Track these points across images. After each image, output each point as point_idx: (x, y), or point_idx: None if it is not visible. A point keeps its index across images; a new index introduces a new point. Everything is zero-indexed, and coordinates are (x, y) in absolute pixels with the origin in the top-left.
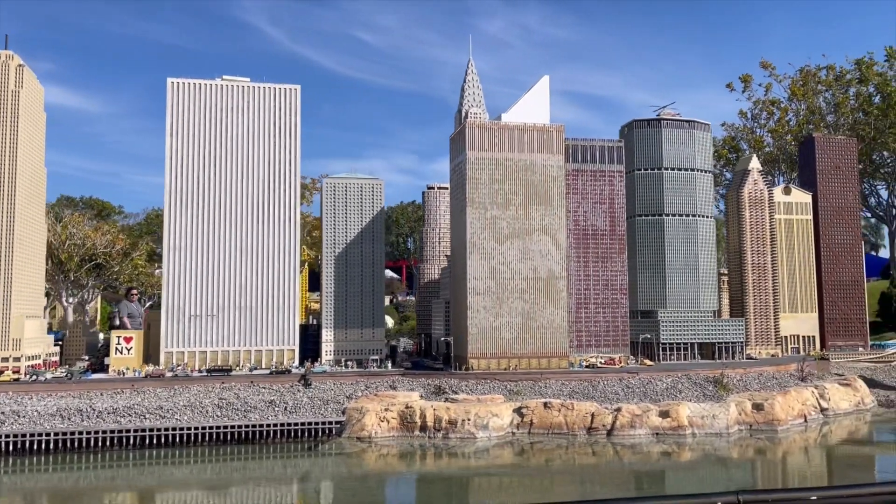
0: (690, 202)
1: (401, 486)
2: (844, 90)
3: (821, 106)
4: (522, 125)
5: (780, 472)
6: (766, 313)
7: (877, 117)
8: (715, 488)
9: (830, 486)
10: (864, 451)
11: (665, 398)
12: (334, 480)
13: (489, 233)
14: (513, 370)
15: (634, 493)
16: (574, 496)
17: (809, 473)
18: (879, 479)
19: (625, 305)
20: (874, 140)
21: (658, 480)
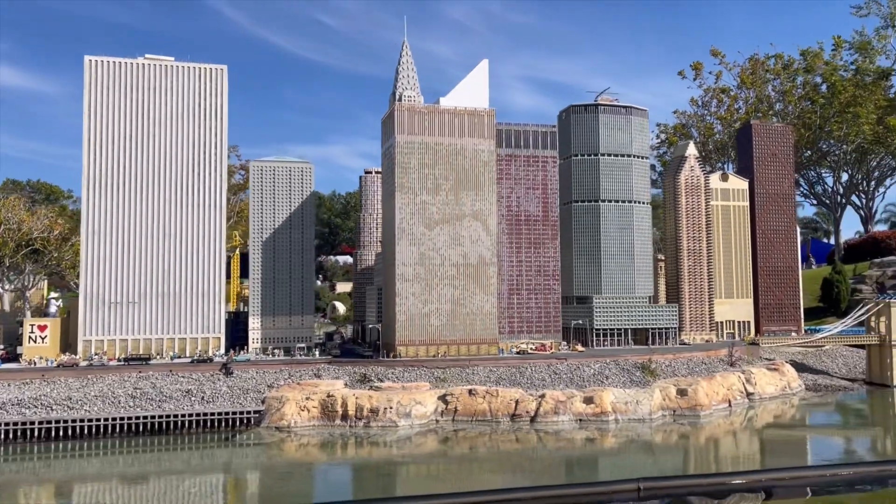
0: (627, 188)
1: (322, 476)
2: (792, 79)
3: (769, 94)
4: (453, 109)
5: (696, 457)
6: (700, 299)
7: (822, 106)
8: (633, 474)
9: (731, 472)
10: (783, 434)
11: (592, 384)
12: (254, 471)
13: (419, 218)
14: (441, 357)
15: (552, 479)
16: (497, 484)
17: (725, 458)
18: (787, 463)
19: (557, 291)
20: (820, 128)
21: (577, 467)
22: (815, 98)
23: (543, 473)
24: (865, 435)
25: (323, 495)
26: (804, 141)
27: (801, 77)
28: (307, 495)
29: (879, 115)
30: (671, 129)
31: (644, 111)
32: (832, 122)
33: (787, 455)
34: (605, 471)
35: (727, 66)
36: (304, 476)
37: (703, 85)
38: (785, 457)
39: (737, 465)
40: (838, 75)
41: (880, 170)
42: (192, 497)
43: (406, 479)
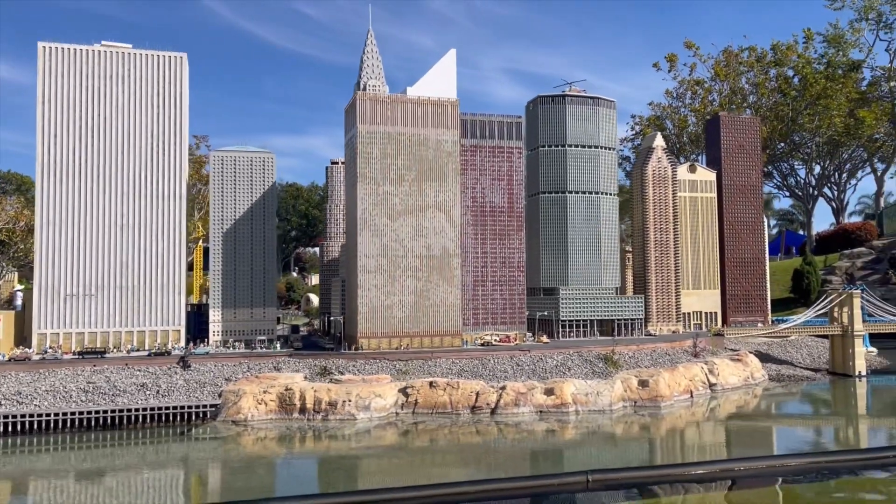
0: (594, 179)
1: (279, 469)
2: (765, 71)
3: (743, 87)
4: (416, 98)
5: (653, 448)
6: (667, 290)
7: (794, 98)
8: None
9: (679, 463)
10: (743, 424)
11: (554, 375)
12: (211, 465)
13: (381, 209)
14: (404, 349)
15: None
16: (455, 477)
17: (682, 448)
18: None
19: (522, 283)
20: (793, 121)
21: (535, 459)
22: (786, 91)
23: (502, 465)
24: (825, 424)
25: (280, 489)
26: (777, 133)
27: (773, 70)
28: (263, 489)
29: (851, 108)
30: (646, 120)
31: (612, 102)
32: (804, 114)
33: (746, 445)
34: (564, 462)
35: (701, 58)
36: (261, 470)
37: (677, 77)
38: (744, 447)
39: (692, 455)
40: (810, 68)
41: (852, 162)
42: (150, 492)
43: (364, 473)
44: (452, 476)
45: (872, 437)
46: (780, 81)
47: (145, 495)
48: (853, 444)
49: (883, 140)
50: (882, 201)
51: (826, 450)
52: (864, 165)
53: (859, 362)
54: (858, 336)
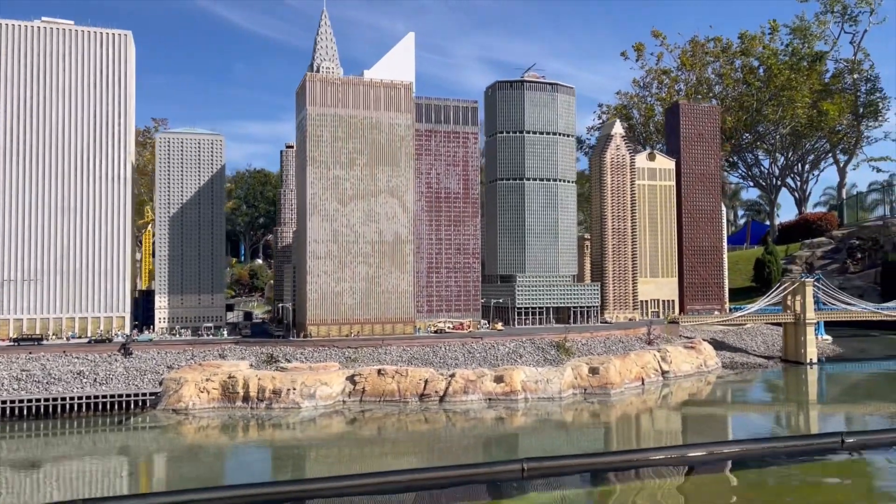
0: (552, 166)
1: (220, 458)
2: (731, 61)
3: (709, 77)
4: (369, 81)
5: (598, 435)
6: (624, 278)
7: (758, 89)
8: (530, 453)
9: (615, 451)
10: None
11: (506, 363)
12: (150, 455)
13: (332, 193)
14: (354, 337)
15: (455, 460)
16: (401, 466)
17: (626, 436)
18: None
19: (477, 270)
20: (757, 111)
21: (480, 447)
22: (751, 81)
23: (449, 453)
24: (774, 411)
25: (221, 479)
26: (741, 124)
27: (739, 60)
28: (203, 479)
29: (814, 100)
30: (612, 109)
31: (571, 89)
32: (768, 105)
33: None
34: (511, 450)
35: (668, 47)
36: (203, 459)
37: (644, 66)
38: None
39: (637, 443)
40: (775, 59)
41: (815, 153)
42: (87, 482)
43: (308, 461)
44: (396, 465)
45: (819, 423)
46: (746, 72)
47: (82, 485)
48: (801, 431)
49: (845, 132)
50: (844, 192)
51: (762, 436)
52: (827, 157)
53: (811, 350)
54: (810, 324)
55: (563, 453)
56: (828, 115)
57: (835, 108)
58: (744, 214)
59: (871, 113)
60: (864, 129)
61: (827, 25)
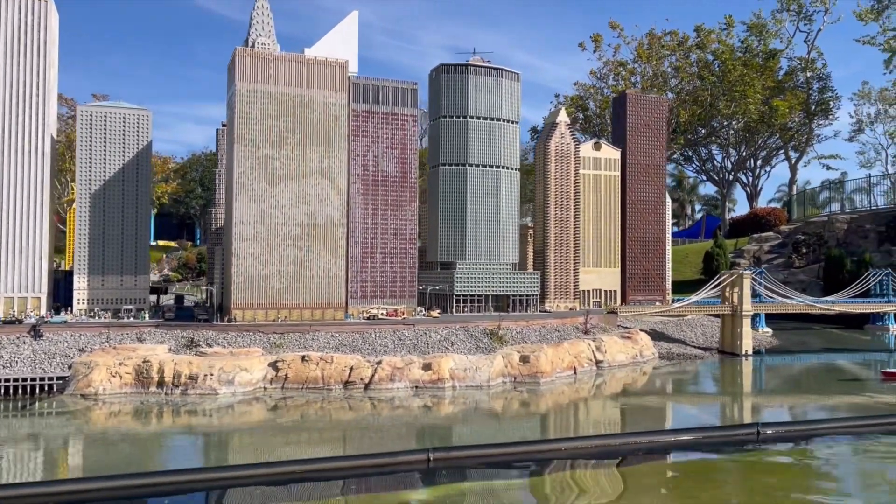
0: (495, 153)
1: (136, 446)
2: (686, 55)
3: (665, 70)
4: (302, 58)
5: (516, 425)
6: (566, 267)
7: (713, 83)
8: (446, 442)
9: (525, 441)
10: (620, 401)
11: (437, 350)
12: (53, 441)
13: (260, 173)
14: (282, 322)
15: (373, 448)
16: (315, 454)
17: (547, 425)
18: (608, 430)
19: (414, 256)
20: (711, 106)
21: (398, 435)
22: (705, 76)
23: (363, 442)
24: (702, 402)
25: (133, 466)
26: (695, 118)
27: (694, 54)
28: (117, 466)
29: (766, 96)
30: (569, 100)
31: (517, 74)
32: (721, 99)
33: (621, 423)
34: (427, 438)
35: (625, 39)
36: (115, 446)
37: (602, 57)
38: (618, 425)
39: (557, 432)
40: (729, 54)
41: (767, 149)
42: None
43: (223, 449)
44: (304, 454)
45: (745, 414)
46: (700, 66)
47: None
48: (725, 421)
49: (797, 129)
50: (795, 189)
51: (676, 427)
52: (778, 153)
53: (746, 342)
54: (747, 316)
55: (480, 442)
56: (778, 111)
57: (785, 105)
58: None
59: (822, 111)
60: (815, 127)
61: (783, 24)
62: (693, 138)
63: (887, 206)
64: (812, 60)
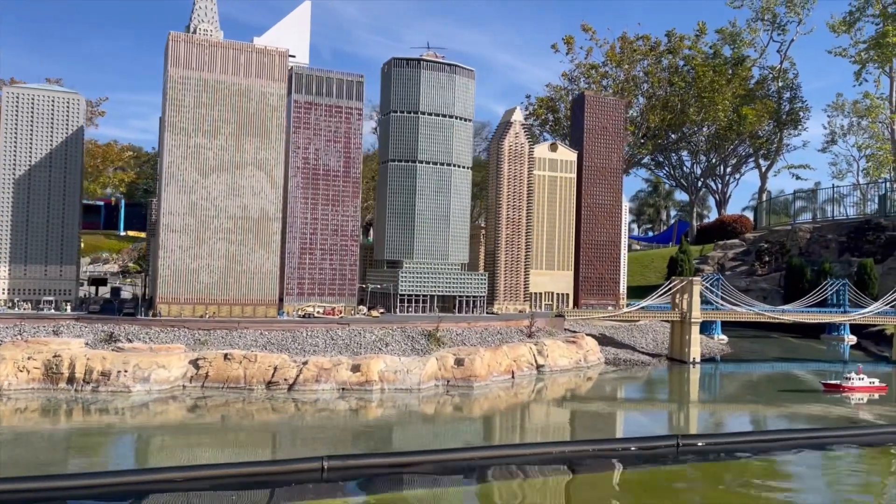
0: (446, 150)
1: (35, 444)
2: (658, 60)
3: (636, 75)
4: (239, 45)
5: (439, 431)
6: (517, 269)
7: (683, 89)
8: (354, 449)
9: (427, 450)
10: (553, 407)
11: (370, 351)
12: None
13: (191, 163)
14: (210, 318)
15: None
16: (214, 459)
17: (470, 432)
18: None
19: (355, 253)
20: (682, 112)
21: (307, 439)
22: (675, 81)
23: (269, 446)
24: (638, 410)
25: (33, 466)
26: (665, 123)
27: (666, 59)
28: (22, 468)
29: (736, 104)
30: (539, 101)
31: (471, 71)
32: (691, 105)
33: (549, 430)
34: (339, 444)
35: (597, 42)
36: (20, 444)
37: (574, 60)
38: (545, 432)
39: (475, 440)
40: (699, 60)
41: (736, 157)
42: None
43: (109, 450)
44: (207, 458)
45: (678, 424)
46: (671, 72)
47: None
48: (657, 431)
49: (767, 137)
50: (765, 197)
51: (595, 437)
52: (747, 161)
53: (695, 349)
54: (695, 323)
55: (386, 450)
56: (747, 119)
57: (753, 113)
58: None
59: (791, 121)
60: (785, 136)
61: (758, 33)
62: (664, 143)
63: (851, 216)
64: (784, 70)
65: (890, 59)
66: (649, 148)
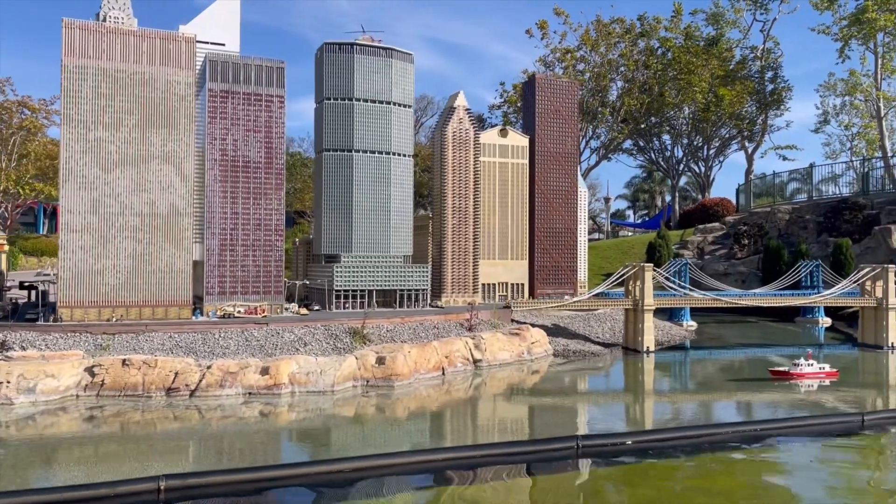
0: (385, 138)
1: None
2: (634, 42)
3: (611, 59)
4: (141, 32)
5: (330, 438)
6: (465, 259)
7: (659, 71)
8: (249, 461)
9: (285, 463)
10: (474, 406)
11: (287, 352)
12: None
13: (92, 158)
14: (117, 321)
15: None
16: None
17: (373, 437)
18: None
19: (280, 248)
20: (661, 95)
21: (182, 451)
22: (651, 63)
23: (128, 462)
24: (569, 404)
25: None
26: (644, 107)
27: (643, 41)
28: None
29: (715, 85)
30: (513, 88)
31: (409, 55)
32: (669, 86)
33: (443, 434)
34: (210, 455)
35: (571, 26)
36: None
37: (549, 45)
38: (438, 437)
39: (356, 447)
40: (673, 41)
41: (720, 139)
42: None
43: None
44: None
45: (607, 419)
46: (647, 54)
47: None
48: (569, 431)
49: (751, 118)
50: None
51: (494, 441)
52: (731, 143)
53: (648, 338)
54: (648, 310)
55: (251, 464)
56: (724, 100)
57: (730, 94)
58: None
59: (774, 101)
60: (770, 117)
61: (741, 13)
62: (645, 128)
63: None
64: (769, 50)
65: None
66: (626, 132)
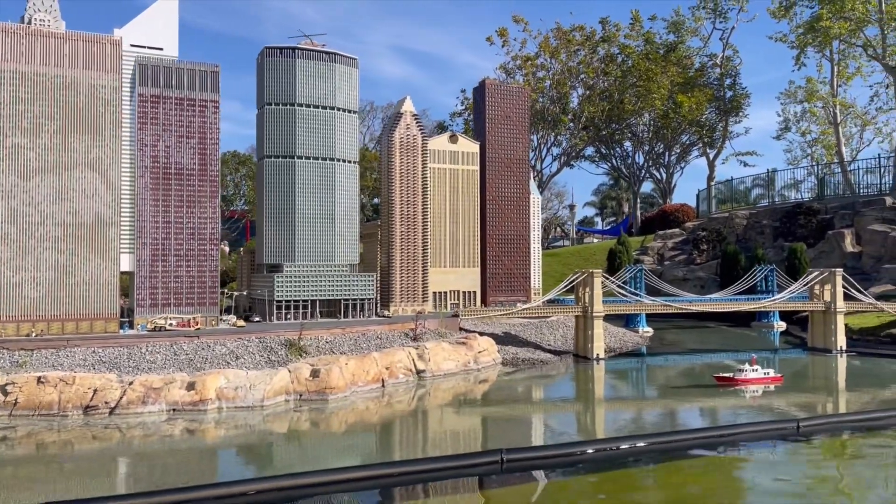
0: (328, 144)
1: None
2: (593, 50)
3: (572, 66)
4: (63, 34)
5: (251, 456)
6: (413, 268)
7: (619, 78)
8: (159, 483)
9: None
10: (408, 420)
11: (217, 366)
12: None
13: (10, 165)
14: (37, 336)
15: None
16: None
17: (295, 454)
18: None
19: (216, 258)
20: (621, 102)
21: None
22: (610, 70)
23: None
24: (505, 416)
25: None
26: (604, 114)
27: (602, 49)
28: None
29: (674, 92)
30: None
31: (354, 60)
32: (628, 93)
33: (366, 451)
34: (131, 479)
35: (530, 33)
36: None
37: (510, 52)
38: (362, 453)
39: (274, 467)
40: (632, 48)
41: (681, 146)
42: None
43: None
44: None
45: (549, 430)
46: (607, 61)
47: None
48: (509, 444)
49: (711, 125)
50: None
51: (410, 458)
52: (692, 149)
53: (598, 345)
54: (598, 317)
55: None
56: (683, 106)
57: (689, 101)
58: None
59: (734, 108)
60: (729, 124)
61: (702, 22)
62: (606, 134)
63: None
64: (728, 58)
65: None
66: (587, 139)
